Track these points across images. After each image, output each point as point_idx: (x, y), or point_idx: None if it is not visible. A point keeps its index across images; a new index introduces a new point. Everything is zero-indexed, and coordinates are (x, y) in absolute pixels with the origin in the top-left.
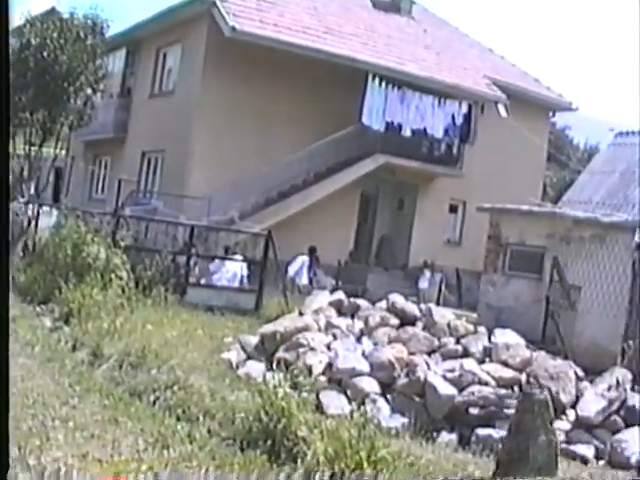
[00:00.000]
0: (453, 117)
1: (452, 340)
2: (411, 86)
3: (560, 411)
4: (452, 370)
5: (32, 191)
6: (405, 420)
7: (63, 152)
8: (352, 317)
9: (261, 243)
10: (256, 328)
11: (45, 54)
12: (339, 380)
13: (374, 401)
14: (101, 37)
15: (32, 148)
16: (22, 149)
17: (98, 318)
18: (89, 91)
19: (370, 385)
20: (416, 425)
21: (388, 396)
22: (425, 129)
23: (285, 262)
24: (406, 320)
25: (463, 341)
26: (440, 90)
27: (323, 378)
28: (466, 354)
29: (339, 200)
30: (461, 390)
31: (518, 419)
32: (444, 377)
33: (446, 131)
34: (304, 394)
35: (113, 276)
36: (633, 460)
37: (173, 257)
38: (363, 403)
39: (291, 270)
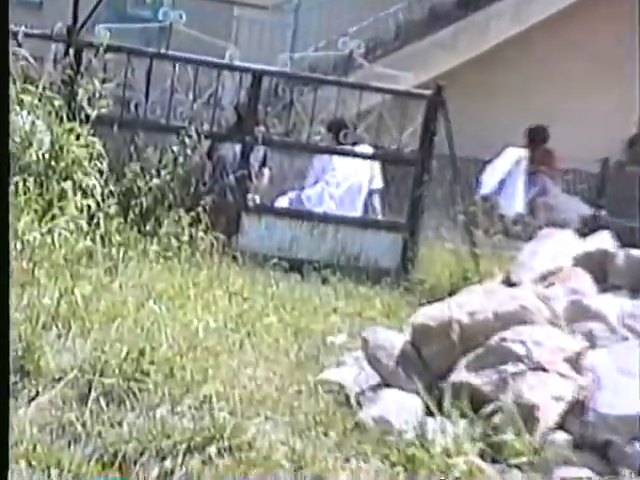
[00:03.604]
0: None
1: None
2: None
3: None
4: None
5: None
6: None
7: None
8: (635, 294)
9: (417, 117)
10: (403, 312)
11: None
12: (602, 444)
13: None
14: None
15: None
16: None
17: (30, 284)
18: None
19: None
20: None
21: None
22: None
23: (473, 162)
24: None
25: None
26: None
27: (563, 437)
28: None
29: (599, 19)
30: None
31: None
32: None
33: None
34: (514, 473)
35: (69, 186)
36: None
37: (211, 145)
38: None
39: (488, 181)
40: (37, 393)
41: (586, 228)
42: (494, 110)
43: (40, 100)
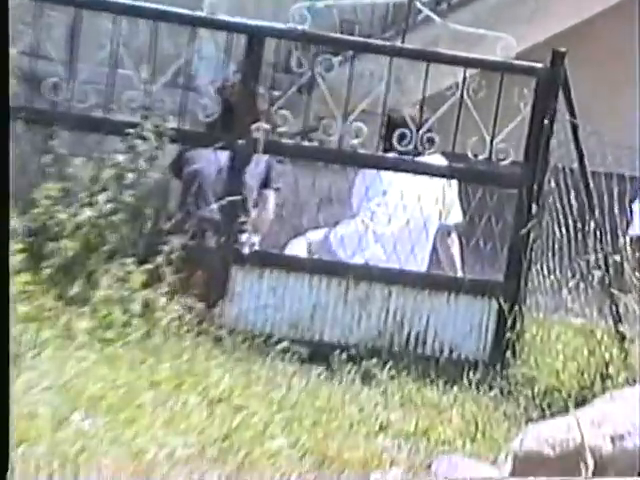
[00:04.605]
0: None
1: None
2: None
3: None
4: None
5: None
6: None
7: None
8: None
9: (522, 106)
10: (498, 432)
11: None
12: None
13: None
14: None
15: None
16: None
17: None
18: None
19: None
20: None
21: None
22: None
23: (617, 180)
24: None
25: None
26: None
27: None
28: None
29: None
30: None
31: None
32: None
33: None
34: None
35: None
36: None
37: (180, 153)
38: None
39: None
40: None
41: None
42: None
43: None
